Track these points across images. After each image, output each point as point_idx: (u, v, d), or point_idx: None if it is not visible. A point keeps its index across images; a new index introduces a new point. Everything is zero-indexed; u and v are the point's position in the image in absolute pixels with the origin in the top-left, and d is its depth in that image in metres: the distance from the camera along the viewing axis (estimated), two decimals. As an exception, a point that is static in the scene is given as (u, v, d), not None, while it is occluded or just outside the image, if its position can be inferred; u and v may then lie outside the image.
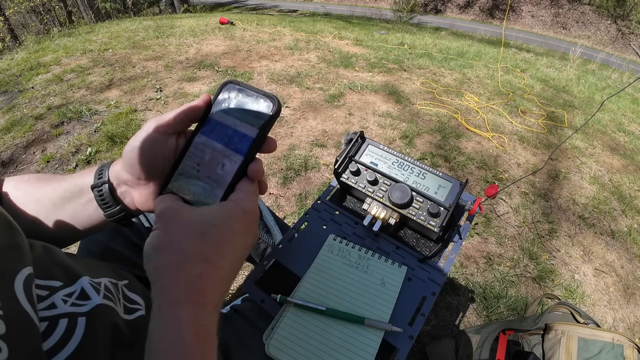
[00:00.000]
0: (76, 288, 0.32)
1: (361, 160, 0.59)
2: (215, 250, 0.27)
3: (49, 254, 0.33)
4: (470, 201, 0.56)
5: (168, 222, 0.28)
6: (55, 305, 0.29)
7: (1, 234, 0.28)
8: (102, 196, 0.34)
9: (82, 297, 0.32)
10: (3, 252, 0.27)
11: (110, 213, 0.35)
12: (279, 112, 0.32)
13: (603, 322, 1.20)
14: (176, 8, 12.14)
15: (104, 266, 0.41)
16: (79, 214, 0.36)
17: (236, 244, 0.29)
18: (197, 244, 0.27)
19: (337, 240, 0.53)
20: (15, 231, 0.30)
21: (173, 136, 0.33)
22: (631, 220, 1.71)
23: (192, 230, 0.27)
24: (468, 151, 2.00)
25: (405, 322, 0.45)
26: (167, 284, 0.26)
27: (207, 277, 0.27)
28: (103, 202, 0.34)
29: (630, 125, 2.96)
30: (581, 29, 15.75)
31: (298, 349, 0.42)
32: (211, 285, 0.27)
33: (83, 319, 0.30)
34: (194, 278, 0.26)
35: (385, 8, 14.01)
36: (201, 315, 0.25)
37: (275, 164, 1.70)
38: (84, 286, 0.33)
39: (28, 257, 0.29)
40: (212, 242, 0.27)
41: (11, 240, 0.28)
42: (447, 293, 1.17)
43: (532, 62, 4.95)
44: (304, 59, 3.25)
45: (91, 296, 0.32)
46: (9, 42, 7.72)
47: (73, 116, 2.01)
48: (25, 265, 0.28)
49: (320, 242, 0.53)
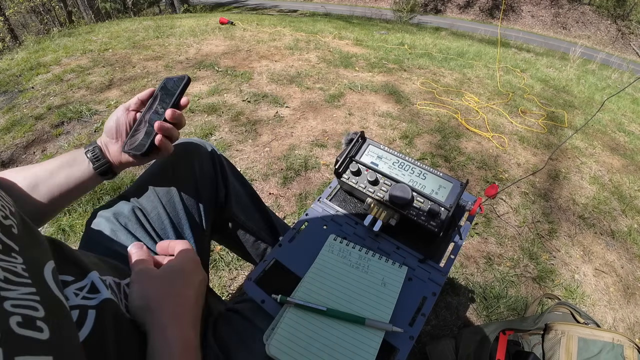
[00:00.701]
0: (86, 282, 0.35)
1: (362, 160, 0.59)
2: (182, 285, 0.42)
3: (59, 250, 0.36)
4: (471, 201, 0.56)
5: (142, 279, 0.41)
6: (68, 298, 0.31)
7: (22, 232, 0.31)
8: (94, 152, 0.51)
9: (92, 291, 0.35)
10: (30, 245, 0.30)
11: (98, 164, 0.50)
12: (188, 82, 0.52)
13: (603, 322, 1.20)
14: (176, 8, 12.13)
15: (107, 264, 0.43)
16: (72, 174, 0.49)
17: (193, 280, 0.44)
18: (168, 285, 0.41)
19: (338, 240, 0.53)
20: (33, 229, 0.33)
21: (133, 112, 0.53)
22: (631, 220, 1.71)
23: (161, 280, 0.41)
24: (468, 151, 2.00)
25: (406, 322, 0.45)
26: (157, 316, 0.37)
27: (183, 305, 0.40)
28: (94, 157, 0.50)
29: (630, 125, 2.96)
30: (581, 29, 15.75)
31: (298, 349, 0.42)
32: (186, 310, 0.40)
33: (93, 311, 0.33)
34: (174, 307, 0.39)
35: (385, 8, 14.01)
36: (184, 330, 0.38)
37: (275, 164, 1.70)
38: (94, 280, 0.36)
39: (49, 253, 0.32)
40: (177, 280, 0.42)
41: (33, 235, 0.32)
42: (447, 293, 1.17)
43: (532, 62, 4.95)
44: (304, 59, 3.25)
45: (100, 290, 0.36)
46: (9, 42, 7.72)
47: (73, 116, 2.01)
48: (49, 259, 0.31)
49: (320, 242, 0.53)
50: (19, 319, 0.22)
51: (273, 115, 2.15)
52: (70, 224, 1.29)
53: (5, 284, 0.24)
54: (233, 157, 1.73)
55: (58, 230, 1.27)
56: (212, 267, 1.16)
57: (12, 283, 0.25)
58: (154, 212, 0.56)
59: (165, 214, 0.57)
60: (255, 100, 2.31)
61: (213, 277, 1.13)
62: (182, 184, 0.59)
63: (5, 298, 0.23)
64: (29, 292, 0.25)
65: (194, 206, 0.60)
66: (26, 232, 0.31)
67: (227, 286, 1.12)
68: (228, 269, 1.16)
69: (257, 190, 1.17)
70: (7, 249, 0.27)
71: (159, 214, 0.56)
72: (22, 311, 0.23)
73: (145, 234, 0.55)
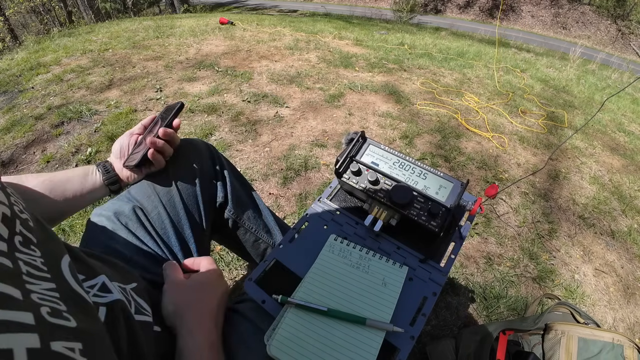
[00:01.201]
0: (97, 282, 0.37)
1: (362, 160, 0.59)
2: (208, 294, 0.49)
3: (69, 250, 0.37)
4: (471, 201, 0.56)
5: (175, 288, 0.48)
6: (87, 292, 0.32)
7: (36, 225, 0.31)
8: (105, 167, 0.58)
9: (103, 290, 0.36)
10: (46, 238, 0.31)
11: (108, 176, 0.58)
12: (182, 107, 0.61)
13: (603, 322, 1.20)
14: (176, 8, 12.13)
15: (110, 267, 0.43)
16: (86, 183, 0.56)
17: (217, 291, 0.50)
18: (196, 295, 0.48)
19: (338, 240, 0.53)
20: (44, 225, 0.33)
21: (136, 136, 0.61)
22: (631, 220, 1.71)
23: (189, 289, 0.48)
24: (468, 151, 2.00)
25: (407, 322, 0.45)
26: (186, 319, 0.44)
27: (207, 311, 0.47)
28: (105, 170, 0.58)
29: (630, 125, 2.96)
30: (581, 29, 15.75)
31: (299, 349, 0.42)
32: (210, 316, 0.46)
33: (104, 308, 0.33)
34: (201, 313, 0.46)
35: (385, 8, 14.01)
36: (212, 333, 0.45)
37: (275, 164, 1.70)
38: (105, 281, 0.37)
39: (63, 247, 0.33)
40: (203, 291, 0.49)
41: (46, 230, 0.33)
42: (447, 293, 1.17)
43: (532, 62, 4.95)
44: (304, 59, 3.25)
45: (112, 290, 0.36)
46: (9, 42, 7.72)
47: (73, 116, 2.01)
48: (65, 253, 0.32)
49: (321, 242, 0.53)
50: (48, 309, 0.23)
51: (273, 115, 2.15)
52: (71, 224, 1.29)
53: (29, 278, 0.25)
54: (233, 157, 1.73)
55: (58, 231, 1.27)
56: (212, 267, 1.16)
57: (34, 277, 0.25)
58: (155, 212, 0.56)
59: (165, 214, 0.57)
60: (255, 100, 2.31)
61: (213, 277, 1.13)
62: (182, 184, 0.60)
63: (31, 291, 0.24)
64: (49, 287, 0.26)
65: (194, 206, 0.60)
66: (39, 226, 0.32)
67: (227, 286, 1.12)
68: (228, 269, 1.16)
69: (257, 190, 1.17)
70: (27, 241, 0.28)
71: (160, 213, 0.57)
72: (48, 304, 0.24)
73: (146, 233, 0.55)
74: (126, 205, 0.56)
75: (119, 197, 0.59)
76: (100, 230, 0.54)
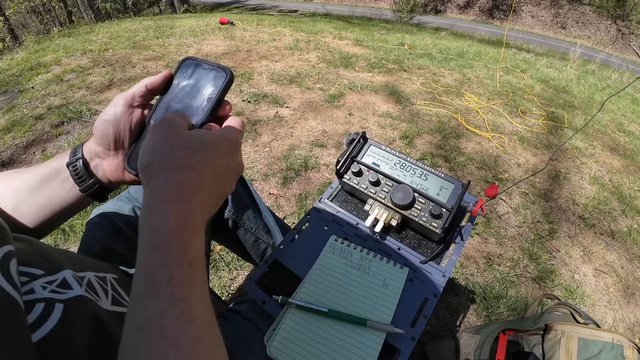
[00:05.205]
0: (57, 277, 0.32)
1: (363, 160, 0.59)
2: (201, 162, 0.30)
3: (32, 244, 0.34)
4: (472, 202, 0.56)
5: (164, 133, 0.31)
6: (34, 291, 0.30)
7: None
8: (76, 171, 0.37)
9: (62, 286, 0.32)
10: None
11: (85, 187, 0.37)
12: (232, 80, 0.36)
13: (603, 322, 1.20)
14: (176, 8, 12.13)
15: (90, 261, 0.41)
16: (56, 194, 0.38)
17: (219, 163, 0.32)
18: (186, 155, 0.30)
19: (339, 241, 0.53)
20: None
21: (138, 109, 0.37)
22: (631, 220, 1.71)
23: (184, 144, 0.30)
24: (468, 151, 2.00)
25: (407, 323, 0.45)
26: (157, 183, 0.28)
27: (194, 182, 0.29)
28: (78, 177, 0.37)
29: (630, 126, 2.96)
30: (581, 29, 15.76)
31: (300, 350, 0.42)
32: (197, 190, 0.29)
33: (61, 305, 0.30)
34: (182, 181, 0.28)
35: (385, 8, 13.99)
36: (187, 209, 0.27)
37: (275, 164, 1.70)
38: (66, 277, 0.33)
39: (9, 238, 0.29)
40: (200, 155, 0.30)
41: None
42: (447, 293, 1.17)
43: (532, 62, 4.95)
44: (304, 59, 3.25)
45: (73, 286, 0.33)
46: (9, 42, 7.71)
47: (73, 116, 2.01)
48: (5, 244, 0.28)
49: (321, 243, 0.53)
50: None
51: (273, 116, 2.15)
52: (71, 224, 1.29)
53: None
54: (233, 157, 1.73)
55: (58, 231, 1.27)
56: (212, 267, 1.16)
57: None
58: None
59: None
60: (255, 100, 2.31)
61: (213, 277, 1.13)
62: None
63: None
64: None
65: None
66: None
67: (227, 286, 1.12)
68: (228, 269, 1.16)
69: (257, 190, 1.17)
70: None
71: None
72: None
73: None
74: (126, 206, 0.56)
75: (119, 197, 0.58)
76: (100, 230, 0.53)
